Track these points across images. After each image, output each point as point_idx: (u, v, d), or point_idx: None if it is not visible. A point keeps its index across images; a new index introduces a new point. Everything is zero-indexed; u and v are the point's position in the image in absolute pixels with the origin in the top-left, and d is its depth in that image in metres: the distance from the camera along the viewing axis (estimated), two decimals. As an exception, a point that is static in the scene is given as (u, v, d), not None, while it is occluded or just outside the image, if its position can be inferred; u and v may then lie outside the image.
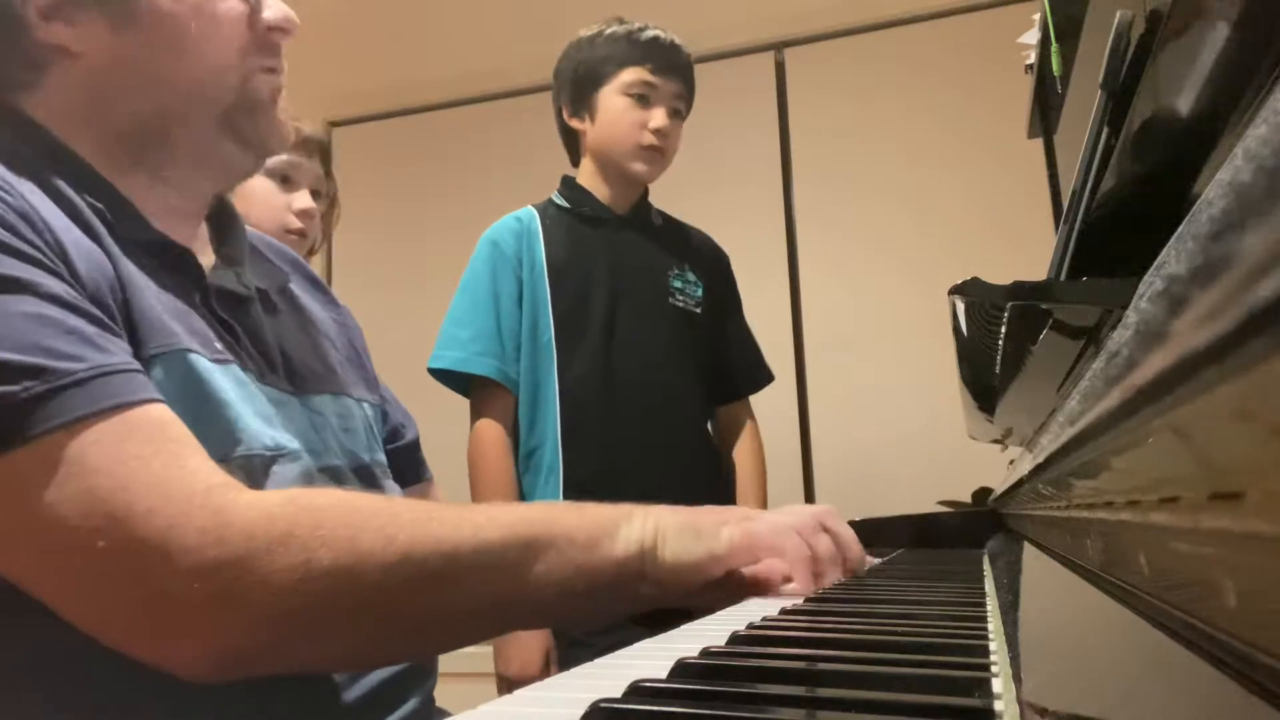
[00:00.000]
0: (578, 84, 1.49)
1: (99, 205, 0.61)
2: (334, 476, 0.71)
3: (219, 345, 0.64)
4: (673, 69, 1.47)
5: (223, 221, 0.75)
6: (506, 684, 1.42)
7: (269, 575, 0.50)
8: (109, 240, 0.60)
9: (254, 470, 0.62)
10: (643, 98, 1.45)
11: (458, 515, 0.57)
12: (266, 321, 0.72)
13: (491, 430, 1.41)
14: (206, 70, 0.66)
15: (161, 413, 0.54)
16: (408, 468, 0.90)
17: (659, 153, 1.47)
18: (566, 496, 1.37)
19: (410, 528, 0.54)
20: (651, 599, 0.63)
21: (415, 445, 0.92)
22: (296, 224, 1.44)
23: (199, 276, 0.67)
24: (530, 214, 1.51)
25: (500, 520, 0.58)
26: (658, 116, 1.45)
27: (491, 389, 1.42)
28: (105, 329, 0.54)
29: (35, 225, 0.54)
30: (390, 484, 0.81)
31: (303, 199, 1.45)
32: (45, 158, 0.61)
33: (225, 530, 0.49)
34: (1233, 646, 0.18)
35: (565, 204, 1.52)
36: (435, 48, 2.82)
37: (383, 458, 0.81)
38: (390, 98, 2.87)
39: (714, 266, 1.59)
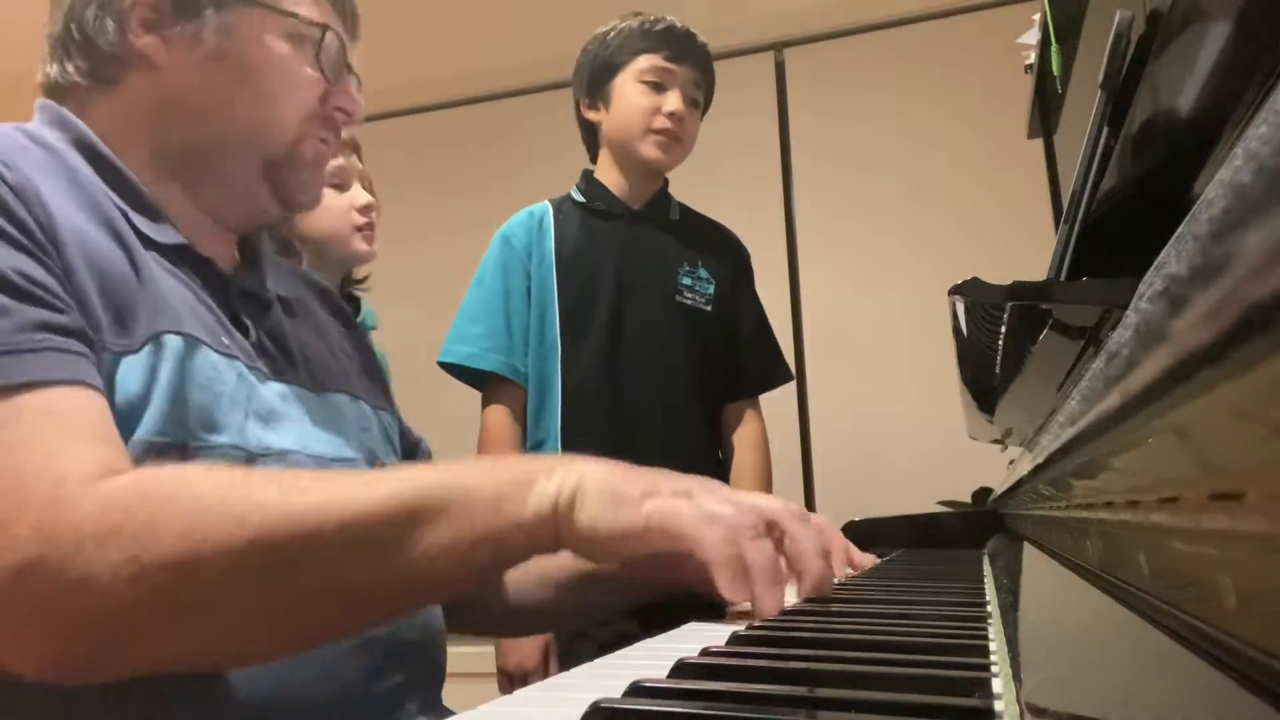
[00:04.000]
0: (594, 75, 1.50)
1: (124, 207, 0.65)
2: (349, 468, 0.72)
3: (226, 340, 0.66)
4: (688, 55, 1.46)
5: (247, 238, 0.79)
6: (507, 680, 1.42)
7: (94, 573, 0.45)
8: (131, 237, 0.63)
9: (236, 462, 0.62)
10: (658, 85, 1.45)
11: (330, 486, 0.51)
12: (286, 323, 0.75)
13: (499, 425, 1.42)
14: (269, 118, 0.72)
15: (66, 397, 0.51)
16: None
17: (673, 138, 1.45)
18: None
19: (266, 507, 0.48)
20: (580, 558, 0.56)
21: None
22: (362, 219, 1.54)
23: (221, 281, 0.70)
24: (544, 209, 1.52)
25: (380, 488, 0.51)
26: (672, 100, 1.44)
27: (500, 384, 1.43)
28: (54, 309, 0.53)
29: (28, 202, 0.56)
30: None
31: (360, 196, 1.56)
32: (85, 158, 0.66)
33: (55, 525, 0.46)
34: (1233, 646, 0.18)
35: (580, 198, 1.52)
36: (443, 44, 2.82)
37: (396, 465, 0.82)
38: (402, 96, 2.87)
39: (731, 263, 1.56)
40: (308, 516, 0.49)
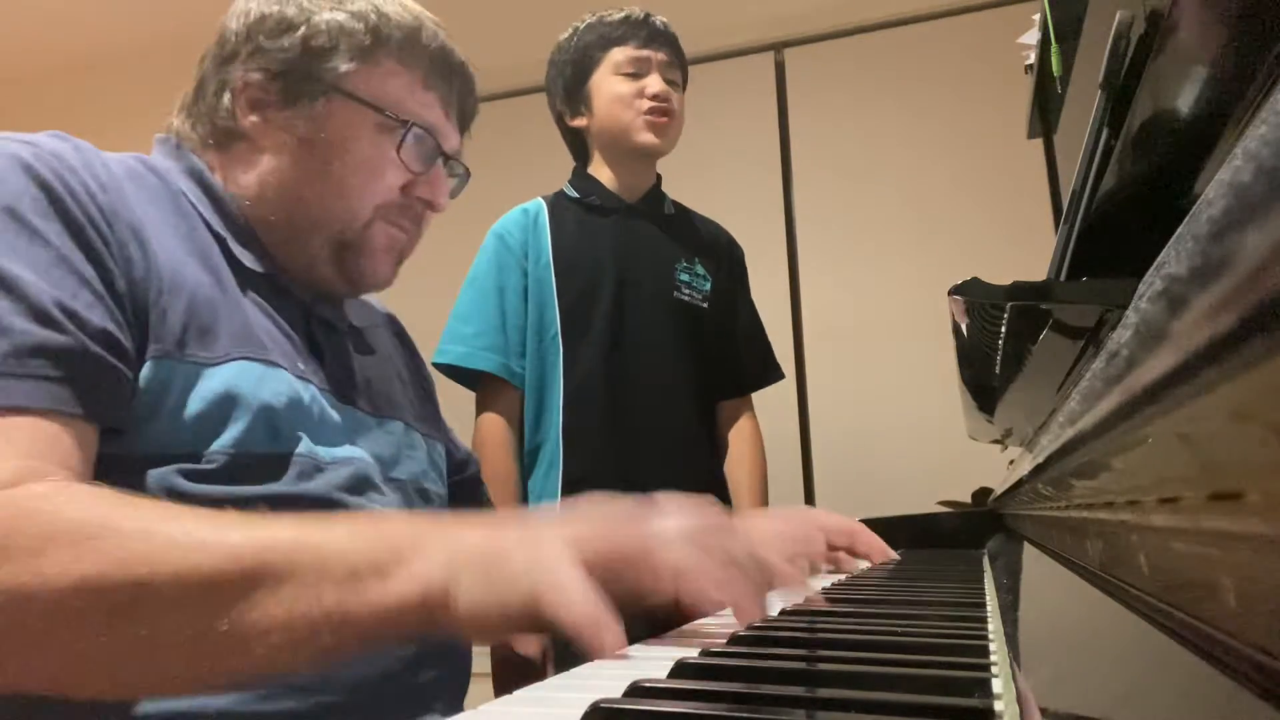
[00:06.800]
0: (568, 83, 1.49)
1: (223, 233, 0.71)
2: (398, 488, 0.77)
3: (302, 365, 0.72)
4: (655, 38, 1.46)
5: None
6: (505, 679, 1.42)
7: None
8: (223, 265, 0.70)
9: (307, 471, 0.67)
10: (634, 74, 1.44)
11: (174, 535, 0.47)
12: (355, 354, 0.82)
13: (494, 426, 1.39)
14: (341, 206, 0.76)
15: (26, 421, 0.52)
16: (470, 500, 0.96)
17: (664, 118, 1.44)
18: (565, 493, 1.35)
19: (107, 548, 0.46)
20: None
21: (478, 479, 1.00)
22: None
23: (302, 309, 0.77)
24: (538, 206, 1.50)
25: (226, 542, 0.47)
26: (653, 83, 1.44)
27: (496, 384, 1.40)
28: (63, 331, 0.55)
29: (105, 216, 0.61)
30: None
31: None
32: (192, 186, 0.72)
33: None
34: (1233, 646, 0.18)
35: (574, 194, 1.50)
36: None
37: (444, 491, 0.87)
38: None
39: (725, 259, 1.55)
40: (141, 565, 0.46)
